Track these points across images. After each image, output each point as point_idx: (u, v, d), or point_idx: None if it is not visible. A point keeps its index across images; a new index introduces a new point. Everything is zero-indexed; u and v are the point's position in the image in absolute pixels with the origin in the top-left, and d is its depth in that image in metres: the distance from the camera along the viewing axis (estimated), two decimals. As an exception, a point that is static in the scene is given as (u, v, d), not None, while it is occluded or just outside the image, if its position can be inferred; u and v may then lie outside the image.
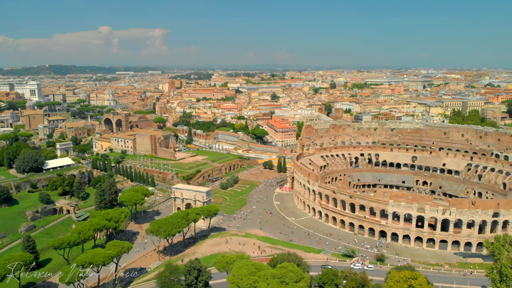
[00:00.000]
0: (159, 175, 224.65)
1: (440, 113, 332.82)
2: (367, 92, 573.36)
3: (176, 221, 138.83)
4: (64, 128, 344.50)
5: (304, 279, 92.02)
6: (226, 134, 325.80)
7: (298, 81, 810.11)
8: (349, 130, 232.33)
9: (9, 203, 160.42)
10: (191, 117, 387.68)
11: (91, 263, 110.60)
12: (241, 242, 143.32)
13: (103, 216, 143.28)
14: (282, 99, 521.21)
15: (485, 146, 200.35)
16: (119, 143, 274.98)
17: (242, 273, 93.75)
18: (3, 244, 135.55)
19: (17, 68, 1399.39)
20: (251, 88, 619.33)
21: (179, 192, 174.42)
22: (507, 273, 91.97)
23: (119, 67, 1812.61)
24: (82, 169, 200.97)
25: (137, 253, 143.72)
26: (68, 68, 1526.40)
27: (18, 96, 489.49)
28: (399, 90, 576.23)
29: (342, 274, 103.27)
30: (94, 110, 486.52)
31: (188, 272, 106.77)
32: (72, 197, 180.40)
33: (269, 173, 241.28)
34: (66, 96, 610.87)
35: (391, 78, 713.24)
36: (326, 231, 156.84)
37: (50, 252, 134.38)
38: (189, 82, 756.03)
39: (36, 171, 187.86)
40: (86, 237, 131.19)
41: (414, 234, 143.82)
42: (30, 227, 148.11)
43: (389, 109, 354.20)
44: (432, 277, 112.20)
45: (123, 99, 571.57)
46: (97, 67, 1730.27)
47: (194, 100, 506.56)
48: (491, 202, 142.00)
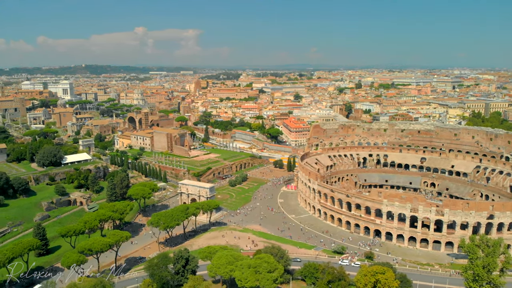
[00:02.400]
0: (172, 172, 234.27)
1: (458, 115, 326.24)
2: (393, 93, 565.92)
3: (175, 214, 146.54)
4: (91, 125, 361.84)
5: (277, 270, 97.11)
6: (243, 133, 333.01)
7: (325, 81, 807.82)
8: (358, 131, 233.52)
9: (27, 194, 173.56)
10: (211, 117, 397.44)
11: (90, 249, 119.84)
12: (237, 236, 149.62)
13: (110, 208, 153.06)
14: (305, 99, 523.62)
15: (495, 148, 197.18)
16: (138, 141, 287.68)
17: (220, 262, 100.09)
18: (18, 231, 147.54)
19: (55, 68, 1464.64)
20: (275, 88, 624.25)
21: (185, 187, 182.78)
22: (478, 273, 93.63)
23: (153, 67, 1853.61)
24: (98, 164, 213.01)
25: (140, 244, 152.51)
26: (103, 68, 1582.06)
27: (51, 95, 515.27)
28: (426, 91, 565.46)
29: (320, 267, 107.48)
30: (122, 108, 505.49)
31: (176, 260, 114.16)
32: (87, 190, 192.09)
33: (279, 172, 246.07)
34: (98, 95, 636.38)
35: (419, 79, 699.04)
36: (323, 228, 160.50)
37: (60, 240, 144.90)
38: (215, 82, 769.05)
39: (55, 165, 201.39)
40: (91, 227, 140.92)
41: (407, 233, 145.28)
42: (44, 217, 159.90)
43: (407, 110, 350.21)
44: (412, 275, 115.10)
45: (151, 98, 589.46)
46: (131, 67, 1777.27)
47: (217, 100, 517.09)
48: (485, 204, 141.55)
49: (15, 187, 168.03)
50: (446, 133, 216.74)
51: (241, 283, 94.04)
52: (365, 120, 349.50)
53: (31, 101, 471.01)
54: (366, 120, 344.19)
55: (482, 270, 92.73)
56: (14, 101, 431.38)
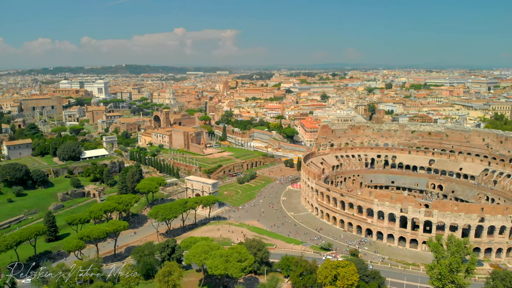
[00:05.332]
0: (185, 168, 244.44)
1: (479, 117, 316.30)
2: (423, 93, 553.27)
3: (174, 207, 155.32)
4: (119, 123, 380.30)
5: (247, 260, 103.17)
6: (261, 132, 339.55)
7: (357, 80, 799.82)
8: (368, 131, 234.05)
9: (45, 185, 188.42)
10: (232, 116, 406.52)
11: (89, 236, 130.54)
12: (230, 230, 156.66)
13: (116, 200, 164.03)
14: (332, 99, 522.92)
15: (505, 151, 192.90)
16: (158, 138, 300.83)
17: (196, 251, 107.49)
18: (33, 219, 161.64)
19: (97, 67, 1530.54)
20: (302, 88, 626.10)
21: (190, 183, 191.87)
22: (440, 271, 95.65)
23: (190, 67, 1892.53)
24: (114, 160, 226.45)
25: (142, 235, 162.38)
26: (142, 68, 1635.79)
27: (86, 94, 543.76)
28: (458, 92, 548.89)
29: (293, 260, 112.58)
30: (153, 107, 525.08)
31: (163, 249, 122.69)
32: (102, 183, 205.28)
33: (289, 171, 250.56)
34: (132, 94, 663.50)
35: (453, 79, 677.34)
36: (319, 226, 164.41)
37: (70, 228, 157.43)
38: (245, 82, 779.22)
39: (74, 159, 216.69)
40: (96, 216, 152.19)
41: (397, 233, 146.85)
42: (58, 206, 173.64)
43: (428, 112, 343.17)
44: (387, 272, 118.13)
45: (181, 98, 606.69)
46: (169, 67, 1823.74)
47: (243, 99, 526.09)
48: (475, 206, 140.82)
49: (34, 179, 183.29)
50: (456, 135, 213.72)
51: (211, 270, 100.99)
52: (386, 121, 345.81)
53: (67, 99, 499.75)
54: (387, 121, 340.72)
55: (445, 269, 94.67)
56: (51, 99, 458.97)
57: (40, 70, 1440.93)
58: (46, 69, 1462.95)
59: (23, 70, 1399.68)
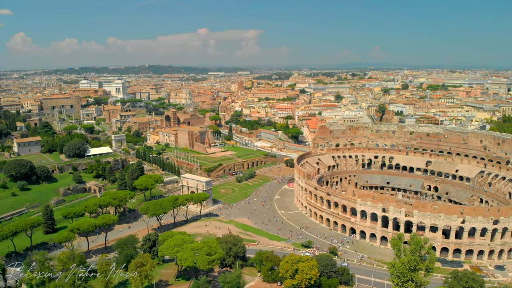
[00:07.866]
0: (187, 166, 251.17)
1: (486, 118, 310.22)
2: (439, 94, 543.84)
3: (164, 203, 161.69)
4: (131, 122, 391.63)
5: (217, 254, 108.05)
6: (267, 132, 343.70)
7: (375, 81, 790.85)
8: (367, 132, 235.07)
9: (49, 181, 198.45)
10: (241, 116, 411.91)
11: (78, 228, 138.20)
12: (217, 226, 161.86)
13: (111, 196, 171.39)
14: (346, 99, 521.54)
15: (502, 153, 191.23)
16: (164, 137, 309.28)
17: (170, 244, 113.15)
18: (34, 212, 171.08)
19: (121, 68, 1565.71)
20: (317, 88, 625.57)
21: (186, 180, 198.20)
22: (398, 269, 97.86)
23: (212, 68, 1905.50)
24: (117, 157, 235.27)
25: (134, 229, 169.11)
26: (165, 68, 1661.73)
27: (105, 93, 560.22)
28: (476, 93, 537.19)
29: (264, 254, 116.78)
30: (168, 107, 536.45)
31: (144, 242, 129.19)
32: (104, 179, 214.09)
33: (289, 170, 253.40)
34: (150, 94, 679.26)
35: (472, 80, 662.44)
36: (306, 224, 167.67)
37: (67, 221, 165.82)
38: (260, 82, 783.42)
39: (79, 156, 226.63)
40: (90, 211, 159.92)
41: (379, 233, 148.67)
42: (59, 201, 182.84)
43: (435, 113, 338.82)
44: (357, 269, 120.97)
45: (197, 98, 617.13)
46: (192, 67, 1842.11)
47: (256, 100, 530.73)
48: (455, 207, 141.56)
49: (38, 174, 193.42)
50: (454, 136, 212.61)
51: (181, 262, 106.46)
52: (395, 122, 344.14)
53: (86, 98, 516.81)
54: (395, 122, 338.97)
55: (403, 267, 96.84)
56: (70, 98, 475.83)
57: (66, 70, 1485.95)
58: (72, 69, 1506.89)
59: (50, 70, 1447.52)
